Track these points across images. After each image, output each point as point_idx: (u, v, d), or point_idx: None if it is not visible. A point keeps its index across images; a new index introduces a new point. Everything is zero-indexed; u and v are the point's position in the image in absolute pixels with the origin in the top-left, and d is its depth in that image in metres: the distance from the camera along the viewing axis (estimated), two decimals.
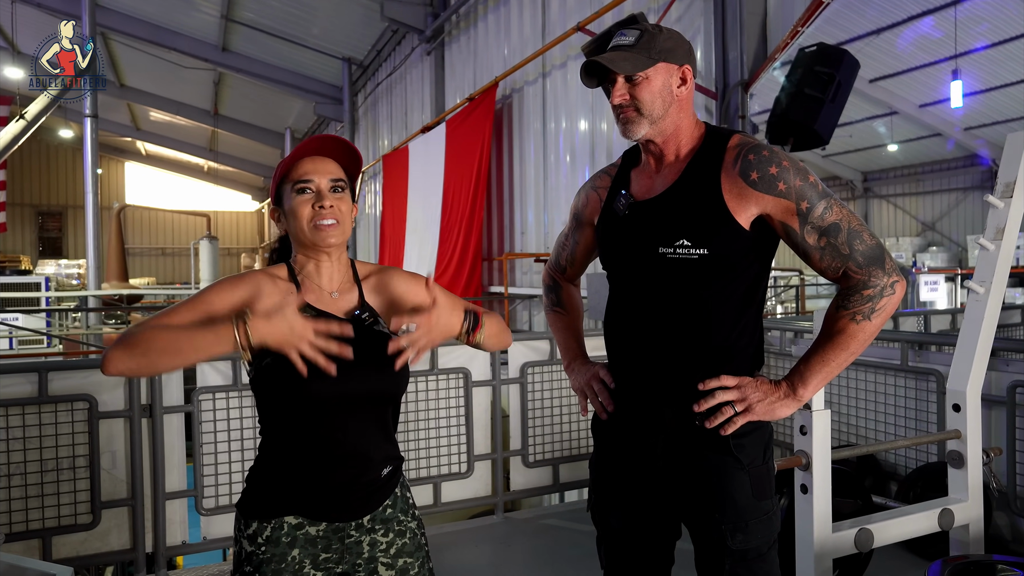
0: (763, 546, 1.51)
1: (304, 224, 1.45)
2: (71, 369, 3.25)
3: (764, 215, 1.48)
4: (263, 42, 14.54)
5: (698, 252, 1.46)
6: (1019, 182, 2.58)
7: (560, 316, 1.89)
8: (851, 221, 1.46)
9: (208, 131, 23.04)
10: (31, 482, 3.04)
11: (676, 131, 1.54)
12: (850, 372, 3.91)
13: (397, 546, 1.52)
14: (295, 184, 1.46)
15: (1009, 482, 3.18)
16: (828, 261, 1.48)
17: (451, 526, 3.84)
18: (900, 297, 1.47)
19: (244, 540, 1.45)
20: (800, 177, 1.46)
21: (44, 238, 28.02)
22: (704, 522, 1.51)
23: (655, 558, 1.65)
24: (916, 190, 19.67)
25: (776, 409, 1.49)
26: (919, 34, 12.07)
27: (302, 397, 1.40)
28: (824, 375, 1.49)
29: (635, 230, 1.55)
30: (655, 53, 1.49)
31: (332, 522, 1.45)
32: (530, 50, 7.84)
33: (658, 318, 1.53)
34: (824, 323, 1.51)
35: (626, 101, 1.50)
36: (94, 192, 11.22)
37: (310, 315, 1.42)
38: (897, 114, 15.45)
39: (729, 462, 1.49)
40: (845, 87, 5.06)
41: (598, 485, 1.69)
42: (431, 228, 9.68)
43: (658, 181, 1.56)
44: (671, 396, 1.52)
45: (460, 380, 3.82)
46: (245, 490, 1.49)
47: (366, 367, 1.44)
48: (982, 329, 2.53)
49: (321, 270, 1.50)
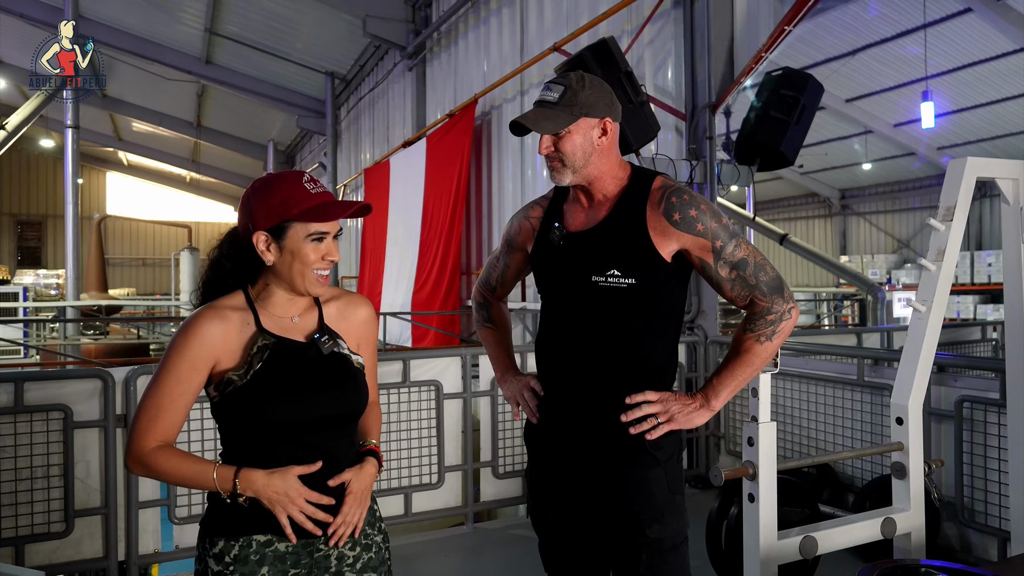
0: (676, 538, 1.68)
1: (306, 270, 1.48)
2: (47, 380, 3.31)
3: (683, 250, 1.67)
4: (247, 55, 14.61)
5: (627, 281, 1.64)
6: (959, 206, 2.73)
7: (492, 331, 2.04)
8: (756, 256, 1.69)
9: (191, 142, 23.01)
10: (5, 490, 3.08)
11: (600, 175, 1.71)
12: (809, 386, 4.05)
13: (363, 560, 1.57)
14: (312, 234, 1.47)
15: (957, 493, 3.32)
16: (738, 291, 1.69)
17: (421, 536, 3.91)
18: (795, 321, 1.69)
19: (210, 559, 1.46)
20: (715, 219, 1.67)
21: (23, 247, 27.75)
22: (624, 514, 1.67)
23: (591, 552, 1.79)
24: (892, 207, 20.05)
25: (693, 418, 1.68)
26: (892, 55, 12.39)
27: (266, 422, 1.45)
28: (732, 388, 1.70)
29: (570, 259, 1.72)
30: (576, 109, 1.65)
31: (301, 537, 1.48)
32: (509, 68, 7.99)
33: (589, 337, 1.69)
34: (733, 344, 1.72)
35: (551, 153, 1.67)
36: (74, 203, 11.19)
37: (269, 341, 1.47)
38: (872, 133, 15.79)
39: (647, 460, 1.66)
40: (810, 110, 5.24)
41: (533, 486, 1.85)
42: (411, 242, 9.76)
43: (590, 215, 1.73)
44: (599, 405, 1.68)
45: (432, 392, 3.90)
46: (209, 509, 1.51)
47: (325, 390, 1.50)
48: (923, 346, 2.66)
49: (287, 300, 1.54)
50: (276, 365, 1.47)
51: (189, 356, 1.44)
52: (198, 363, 1.44)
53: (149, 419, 1.43)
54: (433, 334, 8.70)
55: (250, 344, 1.48)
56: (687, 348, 4.83)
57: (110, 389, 3.26)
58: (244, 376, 1.46)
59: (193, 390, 1.46)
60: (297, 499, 1.44)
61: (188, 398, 1.46)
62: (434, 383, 3.90)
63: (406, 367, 3.85)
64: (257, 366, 1.46)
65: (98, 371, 3.33)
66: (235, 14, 13.27)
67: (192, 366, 1.44)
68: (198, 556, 1.51)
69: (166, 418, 1.44)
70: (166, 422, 1.44)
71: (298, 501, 1.44)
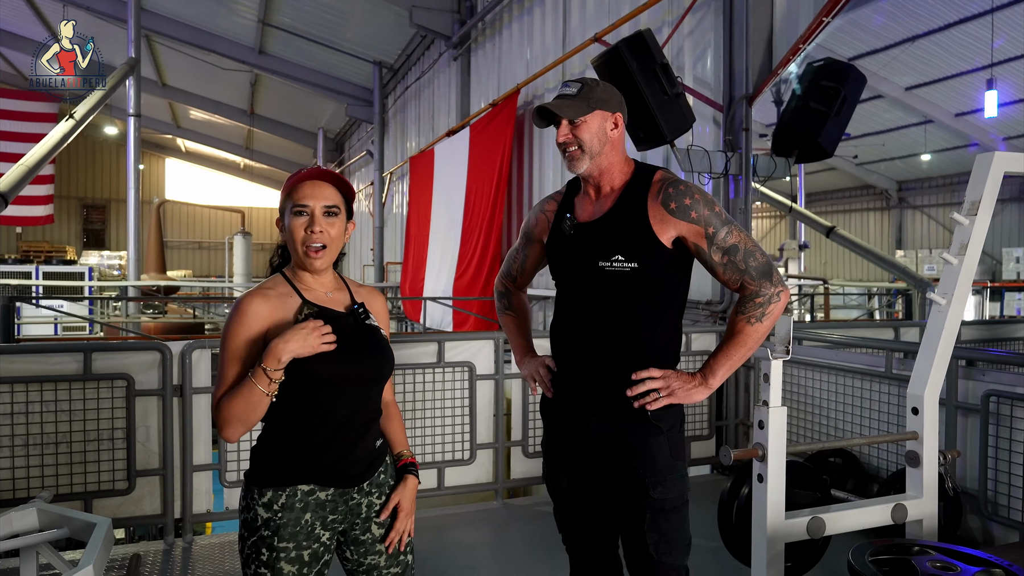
0: (677, 500, 1.83)
1: (297, 245, 1.67)
2: (112, 351, 3.59)
3: (680, 237, 1.82)
4: (298, 45, 15.00)
5: (630, 266, 1.79)
6: (984, 201, 2.75)
7: (512, 318, 2.22)
8: (747, 243, 1.82)
9: (244, 130, 23.68)
10: (75, 450, 3.38)
11: (609, 167, 1.88)
12: (838, 377, 4.09)
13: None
14: (294, 206, 1.67)
15: (980, 486, 3.34)
16: (729, 274, 1.83)
17: (453, 509, 4.09)
18: (785, 303, 1.81)
19: (259, 508, 1.63)
20: (708, 208, 1.82)
21: (88, 230, 29.00)
22: (630, 478, 1.82)
23: (601, 514, 1.96)
24: (951, 200, 19.41)
25: (692, 394, 1.82)
26: (956, 41, 12.00)
27: (309, 379, 1.63)
28: (728, 367, 1.84)
29: (579, 247, 1.88)
30: (593, 102, 1.84)
31: (339, 488, 1.68)
32: (551, 58, 8.08)
33: (596, 318, 1.85)
34: (727, 326, 1.86)
35: (569, 140, 1.85)
36: (136, 188, 11.71)
37: (313, 310, 1.68)
38: (932, 122, 15.33)
39: (651, 429, 1.82)
40: (851, 101, 5.19)
41: (548, 455, 2.02)
42: (453, 229, 9.96)
43: (597, 207, 1.90)
44: (606, 380, 1.84)
45: (465, 373, 4.08)
46: (254, 463, 1.70)
47: (361, 353, 1.71)
48: (942, 338, 2.70)
49: (313, 279, 1.74)
50: None
51: (243, 333, 1.64)
52: (252, 337, 1.64)
53: (220, 390, 1.64)
54: (473, 319, 8.90)
55: (296, 313, 1.67)
56: (717, 337, 4.90)
57: (168, 361, 3.52)
58: None
59: (252, 361, 1.64)
60: (312, 331, 1.60)
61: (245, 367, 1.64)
62: (467, 364, 4.07)
63: (441, 348, 4.03)
64: None
65: (157, 344, 3.60)
66: (288, 5, 13.64)
67: (247, 340, 1.63)
68: (245, 505, 1.67)
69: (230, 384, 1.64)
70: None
71: (313, 332, 1.60)
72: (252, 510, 1.65)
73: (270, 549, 1.61)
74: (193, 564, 3.34)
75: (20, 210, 16.76)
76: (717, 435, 4.78)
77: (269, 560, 1.61)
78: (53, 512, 2.44)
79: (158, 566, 3.30)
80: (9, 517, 2.41)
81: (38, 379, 3.32)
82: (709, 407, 4.73)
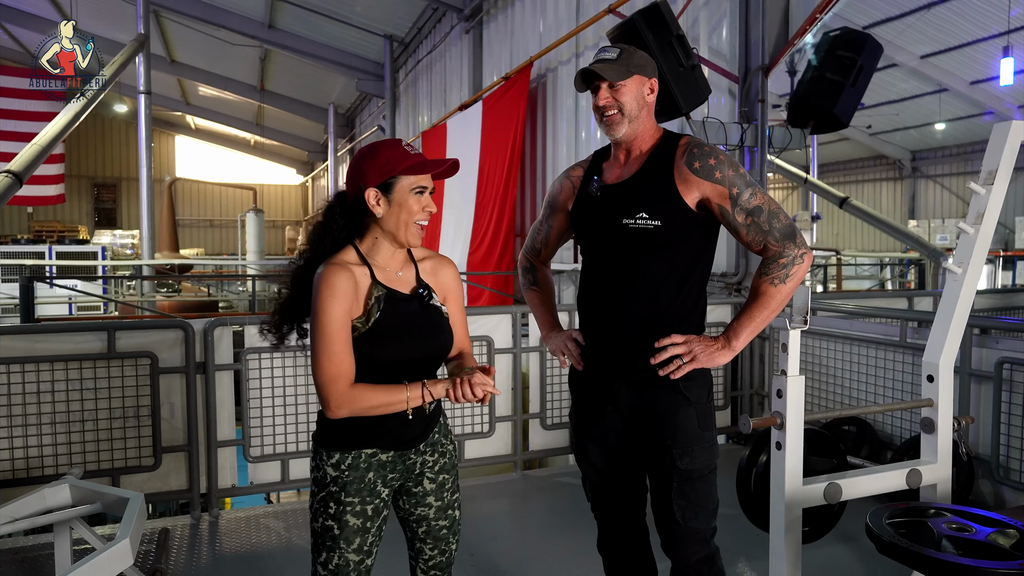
0: (705, 469, 1.88)
1: (411, 221, 1.72)
2: (135, 329, 3.66)
3: (704, 198, 1.83)
4: (308, 19, 14.89)
5: (653, 223, 1.82)
6: (1000, 171, 2.74)
7: (536, 293, 2.24)
8: (770, 205, 1.84)
9: (255, 106, 23.64)
10: (102, 427, 3.46)
11: (643, 131, 1.93)
12: (853, 347, 4.11)
13: (440, 464, 1.88)
14: (416, 185, 1.71)
15: (993, 452, 3.38)
16: (752, 236, 1.84)
17: (473, 480, 4.17)
18: (808, 265, 1.83)
19: (328, 467, 1.74)
20: (732, 169, 1.84)
21: (99, 209, 29.14)
22: (658, 448, 1.87)
23: (629, 482, 2.01)
24: (965, 170, 19.19)
25: (715, 358, 1.84)
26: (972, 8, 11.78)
27: (377, 361, 1.71)
28: (752, 330, 1.86)
29: (605, 207, 1.91)
30: (632, 67, 1.89)
31: (398, 450, 1.79)
32: (564, 30, 8.01)
33: (620, 281, 1.87)
34: (751, 289, 1.88)
35: (610, 103, 1.87)
36: (148, 166, 11.76)
37: (383, 293, 1.73)
38: (947, 91, 15.11)
39: (679, 399, 1.85)
40: (867, 71, 5.15)
41: (577, 426, 2.06)
42: (467, 204, 9.96)
43: (625, 170, 1.93)
44: (631, 349, 1.87)
45: (484, 347, 4.13)
46: (323, 428, 1.79)
47: (426, 334, 1.78)
48: (957, 307, 2.71)
49: (391, 254, 1.78)
50: (389, 314, 1.72)
51: (341, 304, 1.67)
52: (347, 308, 1.69)
53: (335, 366, 1.65)
54: (488, 294, 8.94)
55: (368, 295, 1.73)
56: (732, 309, 4.92)
57: (191, 339, 3.58)
58: (366, 323, 1.70)
59: (349, 334, 1.69)
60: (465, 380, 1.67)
61: (350, 342, 1.69)
62: (486, 338, 4.12)
63: None
64: (376, 315, 1.71)
65: (180, 322, 3.66)
66: None
67: (344, 311, 1.68)
68: (315, 465, 1.79)
69: (346, 361, 1.67)
70: (347, 365, 1.67)
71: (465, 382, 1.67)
72: (321, 469, 1.77)
73: (337, 503, 1.74)
74: (220, 538, 3.44)
75: (32, 190, 16.81)
76: (732, 405, 4.83)
77: (336, 513, 1.74)
78: (86, 488, 2.51)
79: (187, 540, 3.39)
80: (43, 493, 2.48)
81: (63, 358, 3.39)
82: (724, 378, 4.77)
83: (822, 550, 2.87)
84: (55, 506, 2.49)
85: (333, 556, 1.75)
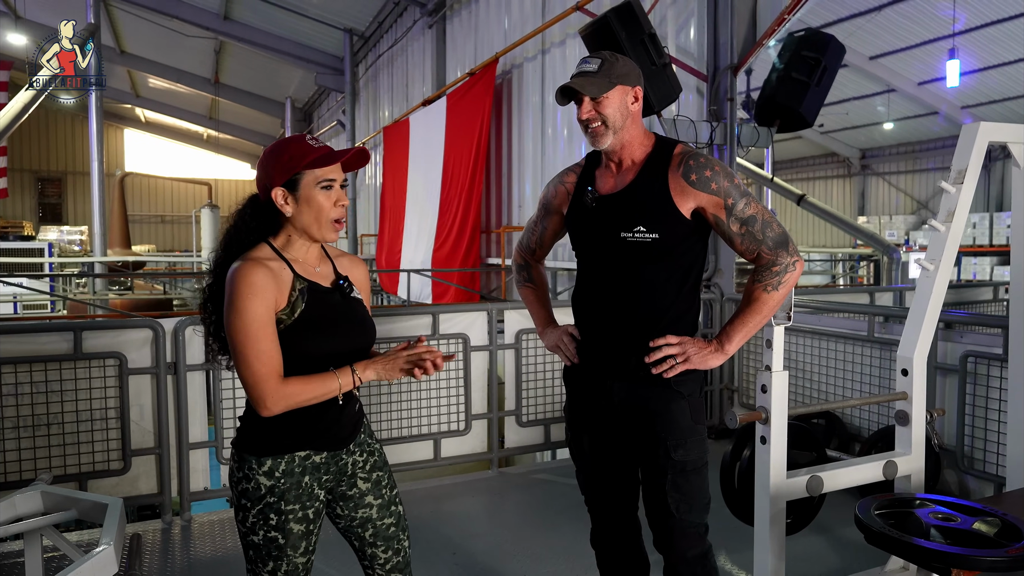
0: (698, 461, 1.92)
1: (324, 216, 1.68)
2: (102, 329, 3.53)
3: (700, 208, 1.86)
4: (264, 11, 14.60)
5: (651, 236, 1.84)
6: (970, 169, 2.84)
7: (532, 290, 2.26)
8: (764, 214, 1.88)
9: (208, 99, 23.09)
10: (68, 431, 3.33)
11: (631, 140, 1.92)
12: (822, 342, 4.21)
13: (371, 463, 1.86)
14: (322, 180, 1.67)
15: (958, 443, 3.50)
16: (747, 244, 1.89)
17: (449, 479, 4.15)
18: (799, 272, 1.88)
19: (260, 476, 1.67)
20: (727, 180, 1.86)
21: (44, 204, 28.09)
22: (652, 441, 1.90)
23: (623, 476, 2.04)
24: (912, 168, 19.84)
25: (708, 360, 1.89)
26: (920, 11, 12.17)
27: (305, 355, 1.67)
28: (744, 334, 1.91)
29: (601, 219, 1.92)
30: (614, 78, 1.86)
31: (331, 451, 1.76)
32: (530, 27, 8.01)
33: (618, 289, 1.90)
34: (744, 294, 1.92)
35: (593, 116, 1.87)
36: (99, 159, 11.40)
37: (305, 285, 1.70)
38: (895, 92, 15.58)
39: (672, 394, 1.89)
40: (831, 71, 5.28)
41: (572, 420, 2.08)
42: (431, 201, 9.90)
43: (618, 179, 1.94)
44: (627, 348, 1.90)
45: (459, 345, 4.10)
46: (248, 435, 1.72)
47: (351, 327, 1.77)
48: (930, 302, 2.80)
49: (306, 250, 1.75)
50: (313, 306, 1.70)
51: (263, 301, 1.63)
52: (269, 304, 1.64)
53: (264, 364, 1.61)
54: (453, 291, 8.90)
55: (292, 288, 1.69)
56: (704, 305, 4.99)
57: (160, 338, 3.48)
58: (291, 315, 1.66)
59: (275, 329, 1.65)
60: (399, 354, 1.70)
61: (276, 338, 1.65)
62: (462, 336, 4.10)
63: (435, 320, 4.04)
64: (301, 307, 1.68)
65: (150, 322, 3.55)
66: None
67: (267, 307, 1.63)
68: (243, 476, 1.69)
69: (275, 358, 1.63)
70: (276, 361, 1.63)
71: (400, 355, 1.70)
72: (252, 480, 1.69)
73: (278, 513, 1.69)
74: (194, 542, 3.35)
75: None
76: (704, 401, 4.90)
77: (279, 523, 1.69)
78: (58, 494, 2.40)
79: (159, 545, 3.30)
80: (12, 500, 2.37)
81: (27, 359, 3.27)
82: None
83: (799, 541, 2.94)
84: (26, 514, 2.38)
85: (281, 564, 1.71)
